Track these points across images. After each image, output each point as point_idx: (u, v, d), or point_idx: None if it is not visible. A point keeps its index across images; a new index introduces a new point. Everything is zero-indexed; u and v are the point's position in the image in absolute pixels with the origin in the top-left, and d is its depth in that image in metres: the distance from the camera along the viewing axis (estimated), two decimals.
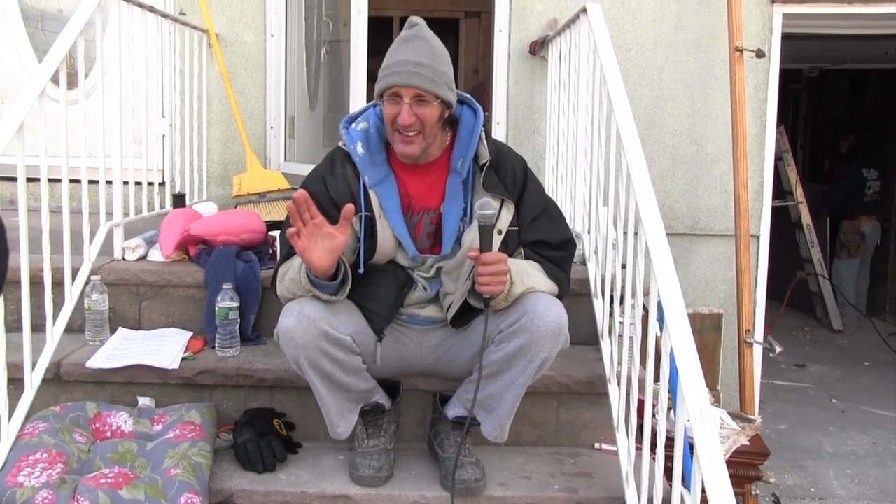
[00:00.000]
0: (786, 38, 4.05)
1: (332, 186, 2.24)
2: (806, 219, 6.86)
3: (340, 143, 2.29)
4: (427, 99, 2.11)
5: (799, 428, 4.80)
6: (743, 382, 3.46)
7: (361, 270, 2.24)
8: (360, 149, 2.24)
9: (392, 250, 2.26)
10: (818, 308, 7.27)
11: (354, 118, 2.31)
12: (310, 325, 2.09)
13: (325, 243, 2.02)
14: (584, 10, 2.88)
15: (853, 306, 7.31)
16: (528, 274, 2.17)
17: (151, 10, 3.23)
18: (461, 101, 2.29)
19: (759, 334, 3.82)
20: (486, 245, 2.06)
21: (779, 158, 6.66)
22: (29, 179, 2.35)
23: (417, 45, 2.13)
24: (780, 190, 6.70)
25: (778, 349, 3.47)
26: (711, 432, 1.58)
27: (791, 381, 5.68)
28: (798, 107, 8.65)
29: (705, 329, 4.02)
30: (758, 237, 4.04)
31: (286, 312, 2.14)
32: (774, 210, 4.17)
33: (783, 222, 6.30)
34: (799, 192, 6.81)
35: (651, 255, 1.96)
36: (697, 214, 4.07)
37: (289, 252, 2.23)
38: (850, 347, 6.58)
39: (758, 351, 3.79)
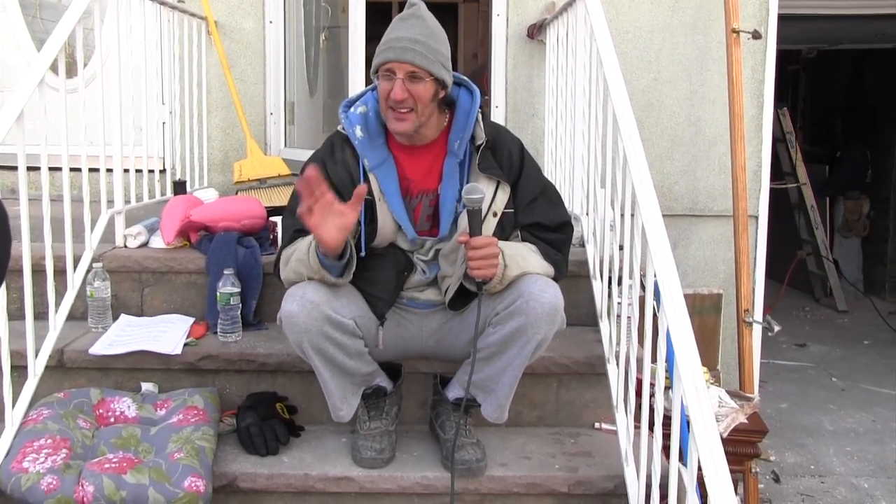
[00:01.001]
0: (782, 18, 4.04)
1: (331, 170, 2.26)
2: (809, 200, 6.87)
3: (339, 128, 2.30)
4: (420, 76, 2.12)
5: (799, 407, 4.82)
6: (742, 361, 3.47)
7: (363, 254, 2.26)
8: (358, 132, 2.25)
9: (392, 233, 2.28)
10: (817, 288, 7.29)
11: (353, 102, 2.32)
12: (313, 310, 2.11)
13: (336, 221, 2.02)
14: None
15: (853, 286, 7.33)
16: (523, 257, 2.19)
17: None
18: (458, 84, 2.30)
19: (758, 314, 3.84)
20: (475, 229, 2.08)
21: (780, 140, 6.68)
22: (29, 168, 2.36)
23: (413, 24, 2.15)
24: (779, 171, 6.72)
25: (776, 328, 3.49)
26: (707, 409, 1.60)
27: (791, 360, 5.71)
28: (797, 88, 8.65)
29: (705, 310, 4.04)
30: (756, 218, 4.05)
31: (289, 297, 2.16)
32: (772, 191, 4.18)
33: (781, 203, 6.31)
34: (802, 173, 6.81)
35: (647, 237, 1.97)
36: (696, 196, 4.08)
37: (293, 236, 2.25)
38: (849, 326, 6.60)
39: (757, 330, 3.81)
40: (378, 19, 3.81)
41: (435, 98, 2.19)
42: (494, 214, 2.24)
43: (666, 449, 2.02)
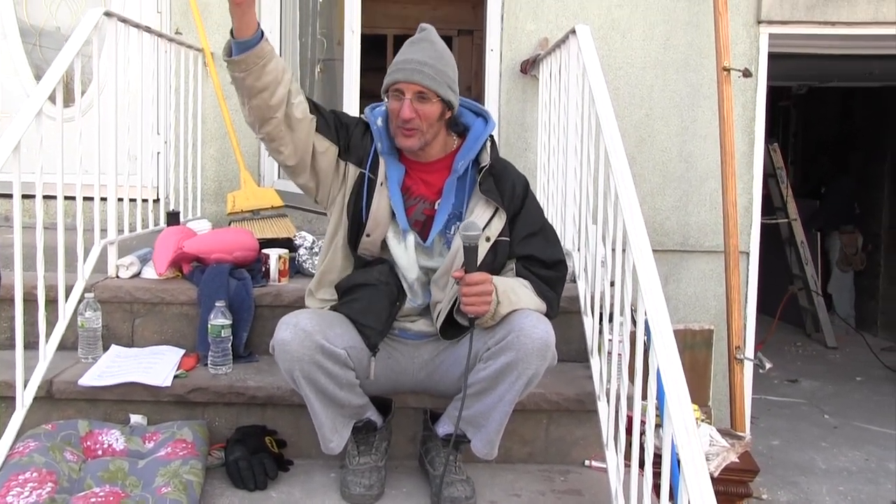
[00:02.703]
0: (773, 57, 4.10)
1: (356, 132, 2.34)
2: (800, 235, 6.90)
3: (362, 116, 2.40)
4: (427, 96, 2.20)
5: (791, 444, 4.81)
6: (733, 398, 3.48)
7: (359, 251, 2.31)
8: (379, 122, 2.34)
9: (385, 221, 2.30)
10: (808, 323, 7.31)
11: (376, 106, 2.41)
12: (305, 338, 2.11)
13: None
14: (573, 32, 2.91)
15: (845, 321, 7.35)
16: (515, 293, 2.19)
17: (148, 30, 3.27)
18: (477, 113, 2.39)
19: (749, 350, 3.85)
20: (470, 265, 2.09)
21: (771, 175, 6.73)
22: (24, 196, 2.37)
23: (423, 47, 2.24)
24: (770, 206, 6.76)
25: (768, 365, 3.49)
26: (697, 451, 1.60)
27: (783, 396, 5.70)
28: (788, 124, 8.73)
29: (696, 345, 4.05)
30: (747, 254, 4.07)
31: (282, 325, 2.16)
32: (764, 226, 4.21)
33: (772, 238, 6.34)
34: (792, 209, 6.86)
35: (638, 274, 1.98)
36: (688, 231, 4.11)
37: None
38: (841, 362, 6.61)
39: (748, 367, 3.82)
40: (373, 51, 3.85)
41: (441, 118, 2.26)
42: (488, 239, 2.26)
43: (656, 487, 2.01)
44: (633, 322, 2.27)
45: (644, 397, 2.02)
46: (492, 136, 2.36)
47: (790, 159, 8.36)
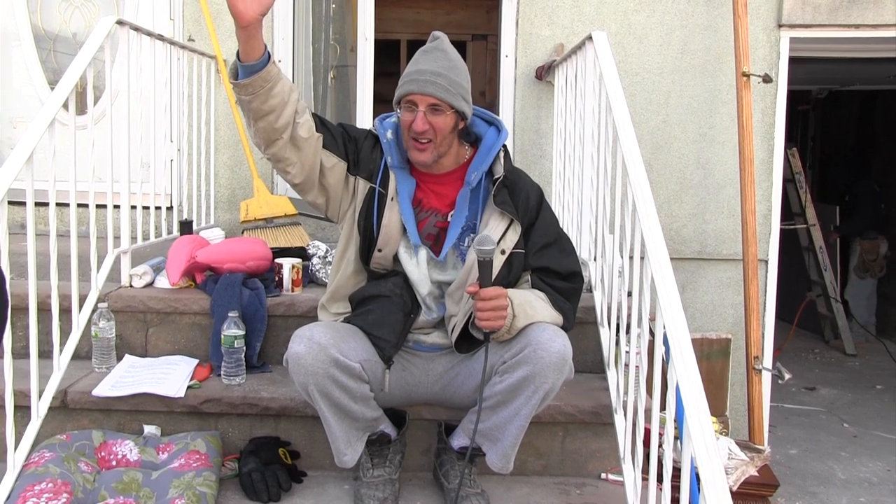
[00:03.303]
0: (793, 61, 4.05)
1: (365, 145, 2.31)
2: (818, 241, 6.82)
3: (371, 128, 2.36)
4: (441, 108, 2.16)
5: (810, 453, 4.74)
6: (751, 409, 3.43)
7: (379, 252, 2.27)
8: (389, 134, 2.31)
9: (397, 236, 2.27)
10: (826, 330, 7.23)
11: (386, 117, 2.37)
12: (320, 352, 2.09)
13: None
14: (589, 38, 2.88)
15: (865, 329, 7.26)
16: (532, 306, 2.16)
17: (160, 38, 3.26)
18: (489, 122, 2.35)
19: (767, 360, 3.80)
20: (485, 280, 2.06)
21: (789, 180, 6.66)
22: (38, 204, 2.36)
23: (436, 57, 2.19)
24: (789, 211, 6.69)
25: (787, 376, 3.45)
26: (718, 470, 1.57)
27: (801, 404, 5.62)
28: (807, 127, 8.64)
29: (713, 354, 4.00)
30: (766, 262, 4.02)
31: (296, 339, 2.13)
32: (782, 231, 4.16)
33: (790, 244, 6.27)
34: (811, 214, 6.78)
35: (657, 289, 1.95)
36: (705, 239, 4.06)
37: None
38: (861, 370, 6.51)
39: (766, 377, 3.77)
40: (387, 56, 3.84)
41: (454, 129, 2.23)
42: (503, 252, 2.23)
43: (675, 501, 1.97)
44: (651, 333, 2.23)
45: (663, 408, 1.99)
46: (505, 146, 2.32)
47: (808, 163, 8.27)
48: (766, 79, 3.65)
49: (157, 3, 4.10)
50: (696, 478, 1.73)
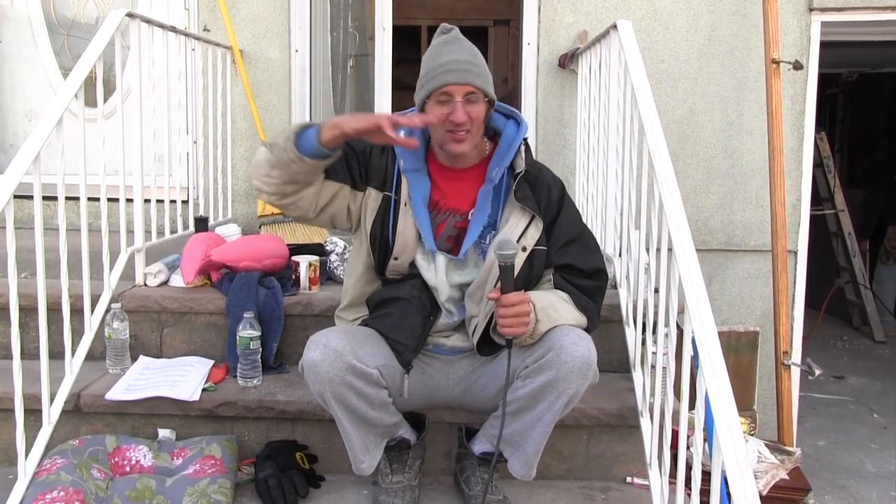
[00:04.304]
0: (824, 45, 3.92)
1: (376, 152, 2.22)
2: (847, 227, 6.69)
3: None
4: (477, 96, 2.08)
5: (838, 445, 4.63)
6: (781, 406, 3.34)
7: (395, 261, 2.21)
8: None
9: (412, 242, 2.19)
10: (855, 317, 7.10)
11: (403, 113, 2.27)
12: (336, 359, 2.02)
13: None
14: (614, 27, 2.79)
15: (894, 315, 7.12)
16: (555, 308, 2.09)
17: (173, 29, 3.19)
18: (507, 116, 2.25)
19: (797, 355, 3.70)
20: (506, 285, 1.98)
21: (817, 165, 6.51)
22: (47, 198, 2.32)
23: (460, 47, 2.10)
24: (817, 197, 6.55)
25: (818, 371, 3.35)
26: (750, 487, 1.49)
27: (829, 393, 5.50)
28: (835, 111, 8.46)
29: (741, 348, 3.91)
30: (795, 253, 3.92)
31: (311, 345, 2.06)
32: (809, 217, 4.04)
33: (818, 229, 6.14)
34: (839, 200, 6.65)
35: (686, 294, 1.86)
36: (732, 230, 3.96)
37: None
38: (890, 358, 6.38)
39: (796, 372, 3.67)
40: (406, 43, 3.76)
41: (486, 118, 2.14)
42: (524, 249, 2.15)
43: None
44: (679, 328, 2.15)
45: (691, 407, 1.91)
46: (525, 140, 2.23)
47: (837, 147, 8.10)
48: (797, 66, 3.53)
49: None
50: (725, 481, 1.66)
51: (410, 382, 2.24)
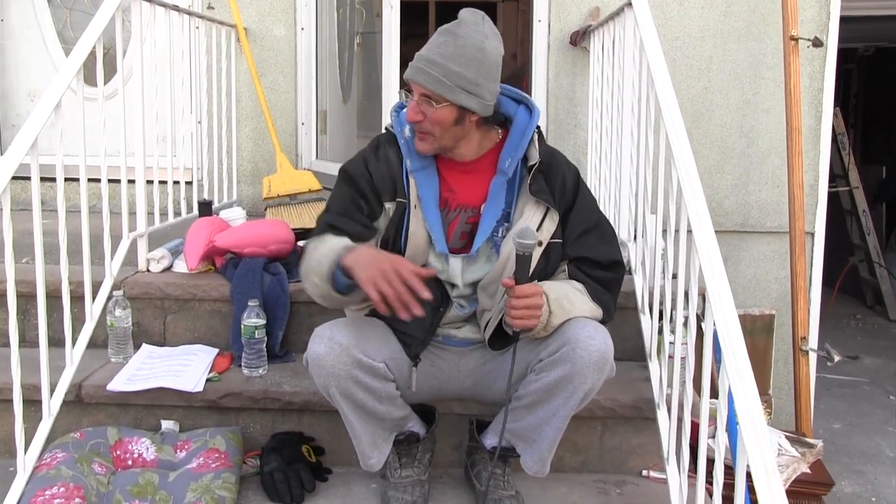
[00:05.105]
0: (843, 20, 3.80)
1: (373, 168, 2.10)
2: (862, 204, 6.59)
3: (388, 125, 2.16)
4: (434, 99, 1.96)
5: (854, 428, 4.56)
6: (798, 394, 3.27)
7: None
8: (407, 132, 2.10)
9: (424, 246, 2.09)
10: (869, 295, 7.01)
11: (403, 106, 2.17)
12: (341, 353, 1.95)
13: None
14: (629, 4, 2.69)
15: None
16: (569, 300, 2.01)
17: (175, 8, 3.10)
18: (518, 101, 2.13)
19: (814, 339, 3.63)
20: (521, 276, 1.89)
21: (832, 141, 6.39)
22: (45, 179, 2.25)
23: (442, 42, 1.96)
24: (831, 173, 6.43)
25: (837, 358, 3.27)
26: (778, 494, 1.42)
27: (844, 374, 5.40)
28: (849, 86, 8.31)
29: (756, 331, 3.83)
30: (812, 234, 3.83)
31: (316, 338, 1.99)
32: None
33: (832, 206, 6.03)
34: (854, 177, 6.54)
35: (707, 286, 1.78)
36: (748, 211, 3.88)
37: (324, 229, 2.10)
38: None
39: (812, 357, 3.59)
40: (413, 19, 3.67)
41: (460, 122, 2.00)
42: (540, 244, 2.06)
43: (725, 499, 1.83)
44: (697, 317, 2.08)
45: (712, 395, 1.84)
46: (538, 127, 2.12)
47: (851, 122, 7.96)
48: (817, 42, 3.42)
49: None
50: (747, 485, 1.59)
51: (419, 375, 2.17)
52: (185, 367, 2.52)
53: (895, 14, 4.11)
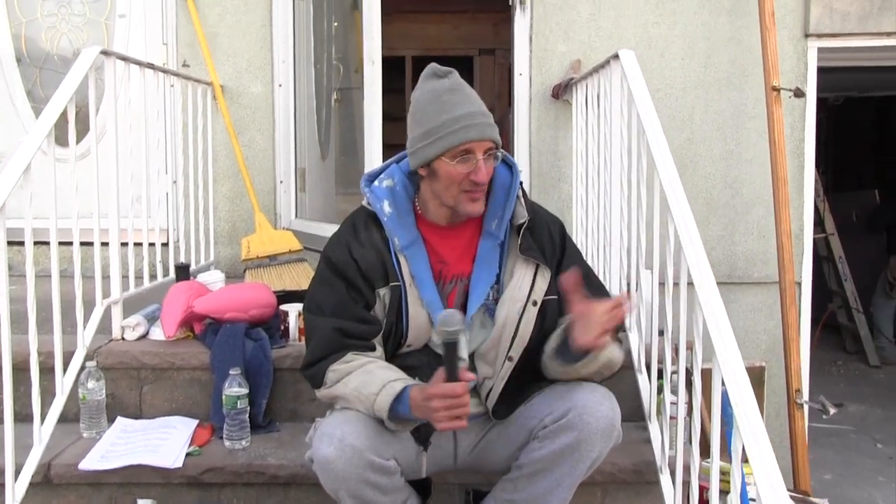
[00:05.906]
0: (819, 71, 3.83)
1: (358, 254, 1.98)
2: (838, 251, 6.62)
3: (364, 203, 2.04)
4: (495, 152, 1.92)
5: (845, 478, 4.48)
6: (795, 448, 3.20)
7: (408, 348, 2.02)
8: (387, 207, 1.99)
9: (425, 325, 1.99)
10: (848, 341, 7.01)
11: (376, 175, 2.07)
12: (353, 456, 1.82)
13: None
14: (615, 57, 2.66)
15: (889, 339, 7.02)
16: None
17: (150, 66, 3.03)
18: None
19: (807, 391, 3.57)
20: (451, 368, 1.77)
21: None
22: (13, 244, 2.17)
23: (469, 95, 1.92)
24: None
25: (832, 410, 3.20)
26: None
27: (830, 423, 5.33)
28: (819, 132, 8.41)
29: None
30: (800, 284, 3.80)
31: (324, 438, 1.85)
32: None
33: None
34: (829, 224, 6.58)
35: (715, 348, 1.73)
36: (734, 262, 3.84)
37: (333, 337, 1.96)
38: (887, 383, 6.26)
39: (807, 409, 3.53)
40: (390, 74, 3.62)
41: None
42: (534, 304, 1.98)
43: None
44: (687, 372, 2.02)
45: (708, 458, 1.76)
46: (520, 183, 2.06)
47: (821, 169, 8.05)
48: (798, 93, 3.42)
49: (149, 27, 3.90)
50: None
51: (428, 458, 2.07)
52: (164, 441, 2.39)
53: (871, 66, 4.13)
